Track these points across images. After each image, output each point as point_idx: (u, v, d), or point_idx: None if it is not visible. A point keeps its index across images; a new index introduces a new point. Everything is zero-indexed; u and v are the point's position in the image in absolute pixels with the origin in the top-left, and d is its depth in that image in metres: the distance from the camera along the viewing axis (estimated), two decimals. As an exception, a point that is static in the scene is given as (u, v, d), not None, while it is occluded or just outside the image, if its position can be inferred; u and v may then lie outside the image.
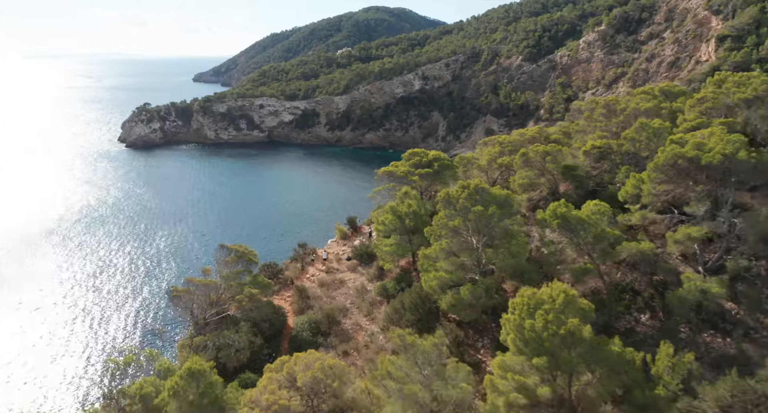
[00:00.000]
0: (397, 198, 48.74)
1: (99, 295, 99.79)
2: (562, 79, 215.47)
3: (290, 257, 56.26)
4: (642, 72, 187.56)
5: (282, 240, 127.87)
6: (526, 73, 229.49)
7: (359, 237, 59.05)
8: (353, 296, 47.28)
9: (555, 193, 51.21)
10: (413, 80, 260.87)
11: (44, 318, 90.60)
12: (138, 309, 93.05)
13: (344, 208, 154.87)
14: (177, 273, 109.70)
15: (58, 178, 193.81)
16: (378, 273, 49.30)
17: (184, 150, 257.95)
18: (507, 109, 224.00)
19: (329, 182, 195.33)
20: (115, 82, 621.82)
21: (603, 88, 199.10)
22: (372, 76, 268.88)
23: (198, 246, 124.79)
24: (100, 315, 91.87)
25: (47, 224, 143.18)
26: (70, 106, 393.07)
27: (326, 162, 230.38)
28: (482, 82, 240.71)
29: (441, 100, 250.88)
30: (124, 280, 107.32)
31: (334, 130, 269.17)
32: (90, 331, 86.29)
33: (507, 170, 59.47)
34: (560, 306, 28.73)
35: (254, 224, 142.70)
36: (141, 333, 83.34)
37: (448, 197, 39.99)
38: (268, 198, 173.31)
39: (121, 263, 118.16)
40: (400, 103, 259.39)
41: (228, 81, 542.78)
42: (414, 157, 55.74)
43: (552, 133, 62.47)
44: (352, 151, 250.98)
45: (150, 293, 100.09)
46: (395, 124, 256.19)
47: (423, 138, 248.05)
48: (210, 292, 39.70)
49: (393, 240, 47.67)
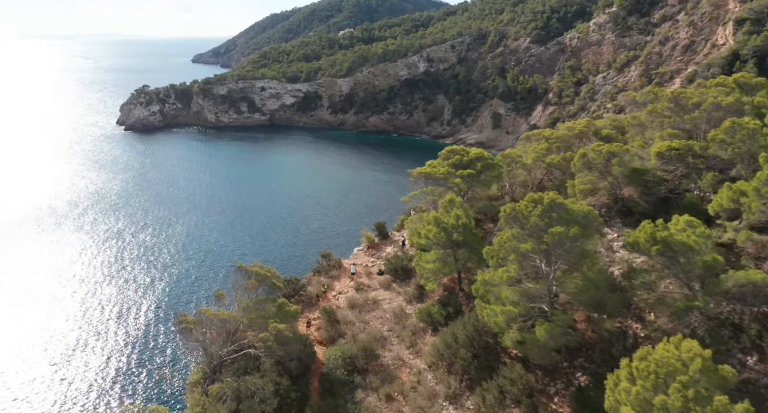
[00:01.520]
0: (441, 206, 41.17)
1: (101, 312, 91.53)
2: (571, 62, 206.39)
3: (312, 269, 48.67)
4: (655, 55, 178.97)
5: (297, 235, 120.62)
6: (534, 55, 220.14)
7: (389, 245, 51.55)
8: (391, 321, 39.89)
9: (619, 199, 43.71)
10: (418, 62, 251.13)
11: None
12: (142, 329, 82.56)
13: (360, 199, 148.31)
14: (183, 278, 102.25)
15: (53, 163, 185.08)
16: (417, 292, 41.90)
17: (185, 133, 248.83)
18: (514, 93, 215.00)
19: (341, 168, 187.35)
20: (113, 63, 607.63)
21: (614, 71, 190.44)
22: (375, 58, 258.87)
23: (202, 246, 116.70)
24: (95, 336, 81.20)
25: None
26: (69, 87, 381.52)
27: (336, 146, 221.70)
28: (489, 64, 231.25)
29: (446, 83, 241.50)
30: (121, 288, 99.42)
31: (337, 113, 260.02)
32: (83, 368, 73.78)
33: (555, 170, 51.99)
34: (696, 374, 21.52)
35: (264, 216, 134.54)
36: (145, 371, 72.36)
37: (516, 213, 32.47)
38: (276, 185, 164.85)
39: (124, 261, 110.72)
40: (405, 85, 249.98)
41: (227, 62, 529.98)
42: (453, 156, 48.02)
43: (602, 127, 54.75)
44: (356, 135, 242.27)
45: (155, 306, 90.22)
46: (399, 107, 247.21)
47: (428, 122, 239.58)
48: (227, 326, 32.31)
49: (435, 254, 40.28)
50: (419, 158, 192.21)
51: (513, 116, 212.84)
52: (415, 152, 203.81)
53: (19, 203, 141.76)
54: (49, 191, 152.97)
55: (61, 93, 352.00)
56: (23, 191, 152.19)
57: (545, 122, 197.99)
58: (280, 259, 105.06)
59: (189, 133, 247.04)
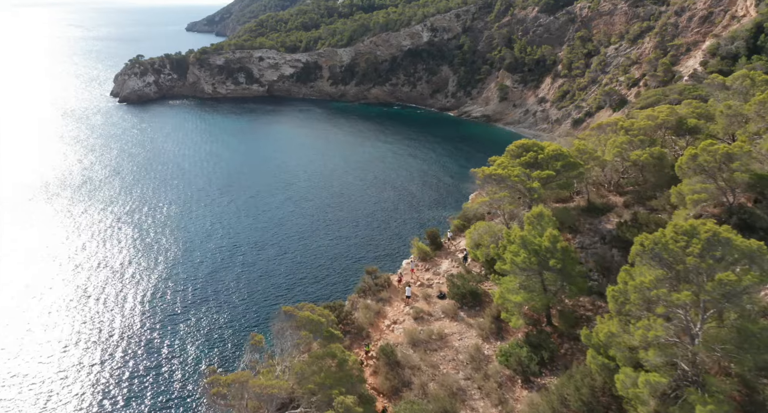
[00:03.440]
0: (526, 221, 32.33)
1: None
2: (581, 32, 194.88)
3: (356, 288, 39.91)
4: (671, 27, 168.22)
5: (318, 227, 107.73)
6: (542, 25, 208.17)
7: (445, 256, 42.79)
8: (466, 365, 31.40)
9: (735, 211, 35.02)
10: (421, 32, 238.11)
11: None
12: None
13: (378, 177, 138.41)
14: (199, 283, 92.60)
15: (44, 137, 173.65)
16: (494, 327, 33.46)
17: (181, 105, 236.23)
18: (522, 64, 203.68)
19: (357, 142, 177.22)
20: (106, 32, 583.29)
21: (627, 43, 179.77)
22: (377, 27, 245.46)
23: (209, 241, 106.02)
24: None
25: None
26: (61, 57, 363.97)
27: (346, 119, 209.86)
28: (495, 34, 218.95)
29: (451, 54, 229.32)
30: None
31: (337, 84, 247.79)
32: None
33: (632, 168, 43.21)
34: None
35: (282, 201, 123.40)
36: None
37: (660, 248, 23.74)
38: (286, 163, 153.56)
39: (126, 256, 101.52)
40: (408, 56, 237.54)
41: (222, 31, 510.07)
42: (524, 153, 38.93)
43: (686, 115, 45.66)
44: (358, 107, 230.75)
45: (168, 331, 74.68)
46: (402, 78, 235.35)
47: (432, 94, 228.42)
48: (275, 399, 23.78)
49: (516, 280, 31.71)
50: (437, 133, 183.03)
51: (520, 89, 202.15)
52: (430, 127, 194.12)
53: (9, 178, 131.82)
54: (41, 167, 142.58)
55: (55, 63, 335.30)
56: (14, 166, 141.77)
57: (554, 95, 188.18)
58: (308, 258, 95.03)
59: (187, 106, 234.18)
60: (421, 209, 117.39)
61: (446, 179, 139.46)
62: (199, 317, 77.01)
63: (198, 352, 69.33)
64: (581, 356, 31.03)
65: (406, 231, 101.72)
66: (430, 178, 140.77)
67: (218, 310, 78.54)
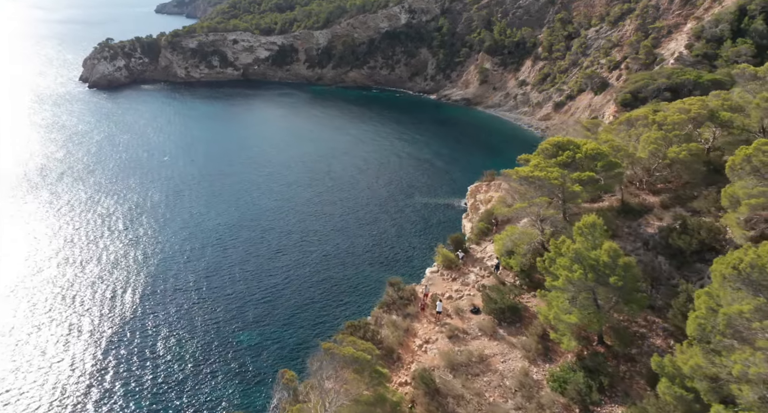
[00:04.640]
0: (576, 233, 28.98)
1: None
2: (561, 14, 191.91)
3: (379, 302, 36.11)
4: (652, 9, 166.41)
5: (317, 226, 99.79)
6: (522, 7, 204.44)
7: (472, 264, 39.28)
8: (515, 393, 28.20)
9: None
10: (399, 13, 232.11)
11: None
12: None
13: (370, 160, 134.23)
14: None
15: (10, 125, 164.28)
16: (541, 347, 30.26)
17: (154, 89, 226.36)
18: (502, 47, 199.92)
19: (337, 127, 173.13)
20: (70, 14, 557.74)
21: (608, 25, 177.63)
22: (354, 9, 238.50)
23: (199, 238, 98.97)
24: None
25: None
26: (23, 41, 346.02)
27: (330, 103, 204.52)
28: (474, 16, 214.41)
29: (429, 36, 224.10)
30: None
31: (314, 67, 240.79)
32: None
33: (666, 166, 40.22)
34: None
35: (277, 190, 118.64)
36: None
37: (756, 272, 20.63)
38: (275, 150, 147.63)
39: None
40: (386, 38, 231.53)
41: (193, 12, 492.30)
42: (560, 152, 35.45)
43: (716, 107, 42.74)
44: (336, 91, 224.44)
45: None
46: (380, 61, 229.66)
47: (410, 77, 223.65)
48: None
49: (564, 295, 28.53)
50: (421, 117, 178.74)
51: (500, 71, 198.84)
52: (412, 111, 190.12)
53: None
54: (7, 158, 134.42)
55: (15, 47, 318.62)
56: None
57: (535, 78, 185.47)
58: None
59: (159, 90, 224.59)
60: (415, 195, 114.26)
61: (438, 163, 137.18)
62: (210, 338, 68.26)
63: (212, 388, 57.40)
64: (640, 379, 28.15)
65: (408, 226, 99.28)
66: (423, 163, 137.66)
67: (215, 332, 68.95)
